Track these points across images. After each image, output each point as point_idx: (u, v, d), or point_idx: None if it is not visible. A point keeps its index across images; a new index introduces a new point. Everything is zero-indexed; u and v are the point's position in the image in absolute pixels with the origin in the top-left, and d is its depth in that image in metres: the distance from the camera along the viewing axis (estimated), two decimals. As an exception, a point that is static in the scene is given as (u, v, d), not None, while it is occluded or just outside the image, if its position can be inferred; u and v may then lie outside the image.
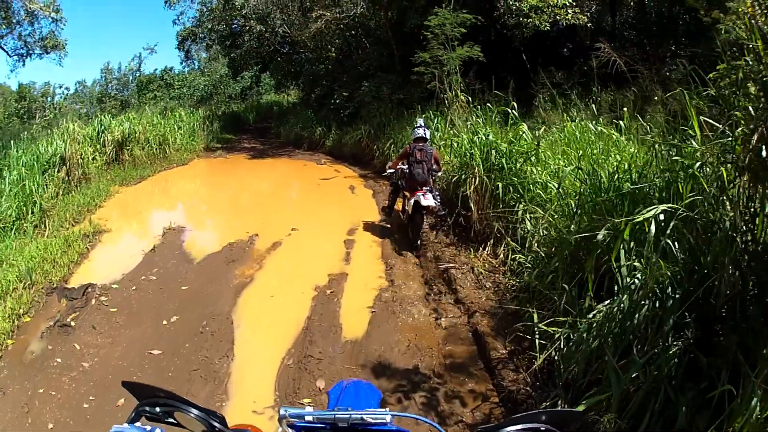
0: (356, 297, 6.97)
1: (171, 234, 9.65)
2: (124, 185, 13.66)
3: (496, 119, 9.66)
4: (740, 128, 3.63)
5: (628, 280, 4.26)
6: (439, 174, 9.21)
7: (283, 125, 24.87)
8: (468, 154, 8.84)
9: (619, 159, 6.35)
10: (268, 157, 19.61)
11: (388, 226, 10.11)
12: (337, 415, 1.49)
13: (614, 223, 4.49)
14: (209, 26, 25.76)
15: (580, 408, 3.74)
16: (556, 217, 6.40)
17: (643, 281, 4.00)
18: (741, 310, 3.44)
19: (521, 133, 8.27)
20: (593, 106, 9.04)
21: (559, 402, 4.22)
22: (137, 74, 37.95)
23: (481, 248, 7.83)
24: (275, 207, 12.11)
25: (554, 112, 9.86)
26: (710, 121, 4.31)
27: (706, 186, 4.11)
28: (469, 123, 10.33)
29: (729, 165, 3.85)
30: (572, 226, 5.82)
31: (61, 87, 36.15)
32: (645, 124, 7.00)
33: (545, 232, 6.46)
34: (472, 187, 8.17)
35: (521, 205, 7.31)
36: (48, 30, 23.79)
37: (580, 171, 6.21)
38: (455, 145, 9.78)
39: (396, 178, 9.50)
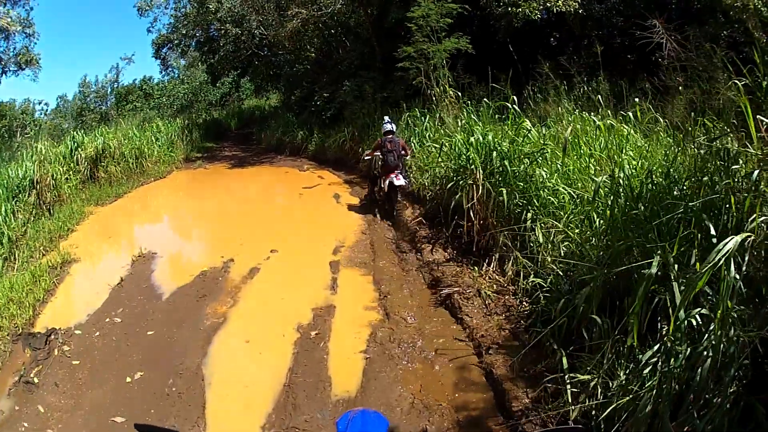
0: (346, 338, 6.10)
1: (140, 263, 8.97)
2: (99, 205, 13.05)
3: (492, 115, 8.71)
4: None
5: (686, 323, 3.38)
6: (408, 158, 10.53)
7: (264, 130, 24.47)
8: (464, 156, 7.93)
9: (637, 159, 5.45)
10: (249, 165, 19.00)
11: (380, 237, 9.43)
12: None
13: (668, 250, 3.60)
14: (184, 32, 25.17)
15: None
16: (574, 229, 5.52)
17: (710, 329, 3.12)
18: None
19: (525, 129, 7.35)
20: (599, 97, 8.10)
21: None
22: (115, 86, 37.54)
23: (485, 264, 6.94)
24: (254, 224, 11.28)
25: (547, 104, 8.97)
26: (763, 118, 3.45)
27: None
28: (460, 120, 9.44)
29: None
30: (594, 240, 5.04)
31: (40, 103, 35.67)
32: (659, 117, 6.13)
33: (565, 249, 5.60)
34: (475, 196, 7.24)
35: (530, 215, 6.45)
36: (21, 45, 23.54)
37: (604, 177, 5.30)
38: (447, 146, 8.84)
39: (373, 169, 11.13)
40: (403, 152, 10.19)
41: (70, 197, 13.02)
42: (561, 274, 5.44)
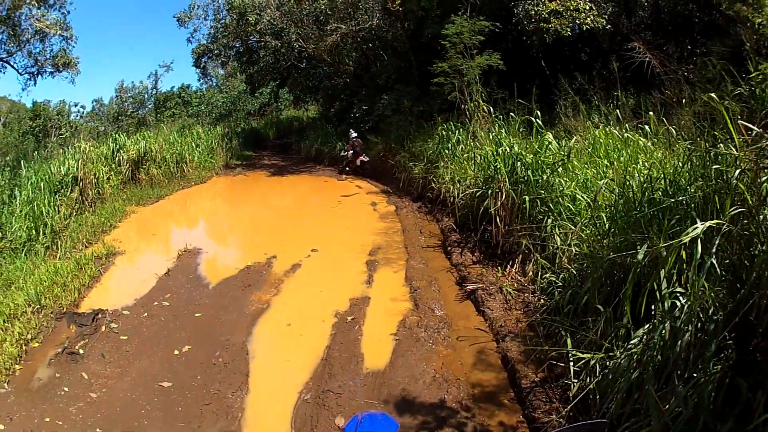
0: (379, 323, 6.71)
1: (186, 256, 9.48)
2: (140, 205, 13.54)
3: (520, 129, 9.37)
4: None
5: (669, 304, 4.00)
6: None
7: (303, 141, 24.67)
8: (492, 167, 8.58)
9: (648, 167, 6.06)
10: (288, 173, 19.47)
11: (414, 242, 9.98)
12: None
13: (654, 242, 4.22)
14: (224, 42, 25.57)
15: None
16: (587, 232, 6.15)
17: (687, 306, 3.72)
18: None
19: (547, 143, 7.96)
20: (617, 111, 8.75)
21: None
22: (154, 92, 37.68)
23: (508, 266, 7.54)
24: (295, 226, 11.87)
25: (577, 119, 9.57)
26: (745, 123, 4.03)
27: (749, 198, 3.84)
28: (491, 134, 10.02)
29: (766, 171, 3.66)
30: (605, 241, 5.60)
31: (76, 105, 36.29)
32: (671, 127, 6.71)
33: (577, 249, 6.22)
34: (499, 202, 7.91)
35: (550, 220, 7.06)
36: (59, 48, 23.68)
37: (611, 182, 5.95)
38: (478, 158, 9.49)
39: (346, 158, 18.45)
40: (359, 147, 17.75)
41: (112, 196, 13.54)
42: (574, 272, 6.03)
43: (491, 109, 10.96)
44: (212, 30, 26.94)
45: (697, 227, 3.70)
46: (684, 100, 6.78)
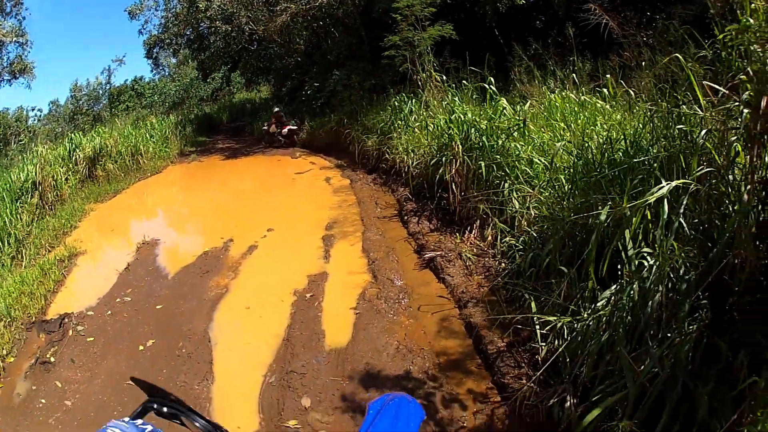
0: (338, 298, 6.40)
1: (145, 249, 9.12)
2: (98, 202, 13.00)
3: (473, 96, 9.04)
4: (746, 93, 3.16)
5: (636, 264, 3.73)
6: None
7: (256, 122, 23.80)
8: (446, 135, 8.25)
9: (607, 129, 5.77)
10: (242, 155, 18.94)
11: (370, 214, 9.61)
12: None
13: (617, 202, 3.91)
14: (174, 31, 24.70)
15: (596, 411, 3.21)
16: (545, 194, 5.87)
17: (656, 266, 3.42)
18: (758, 288, 3.11)
19: (501, 108, 7.63)
20: (573, 75, 8.44)
21: (568, 397, 3.70)
22: (108, 87, 36.94)
23: (466, 232, 7.24)
24: (250, 208, 11.48)
25: (532, 85, 9.25)
26: (711, 84, 3.73)
27: (717, 157, 3.60)
28: (444, 103, 9.67)
29: (735, 132, 3.38)
30: (564, 203, 5.33)
31: (33, 109, 35.08)
32: (630, 90, 6.42)
33: (536, 212, 5.94)
34: (453, 169, 7.58)
35: (507, 184, 6.78)
36: (15, 55, 23.26)
37: (569, 144, 5.64)
38: (431, 127, 9.16)
39: (269, 130, 19.38)
40: (283, 119, 19.13)
41: (71, 196, 13.09)
42: (534, 234, 5.75)
43: (444, 78, 10.61)
44: (163, 20, 26.07)
45: (663, 186, 3.40)
46: (644, 63, 6.49)
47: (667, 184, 3.40)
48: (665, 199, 3.38)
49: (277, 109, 19.66)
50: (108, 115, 31.34)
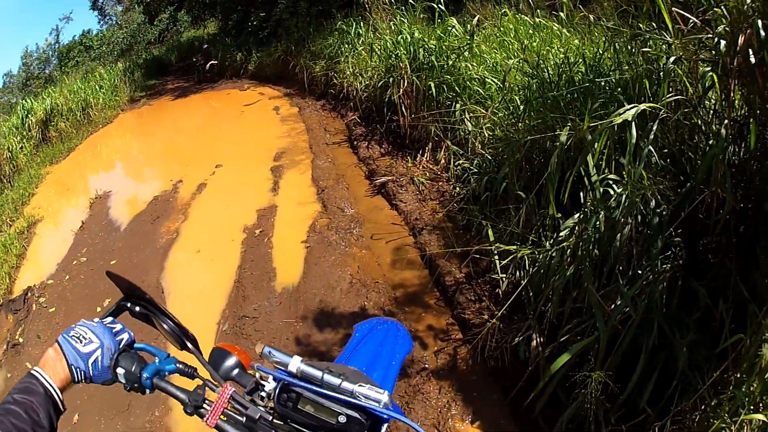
0: (288, 232, 6.04)
1: (98, 204, 8.88)
2: (54, 164, 12.66)
3: (421, 16, 8.41)
4: (721, 27, 2.78)
5: (601, 191, 3.36)
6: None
7: (205, 58, 22.72)
8: (393, 56, 7.69)
9: (564, 52, 5.30)
10: (192, 93, 18.24)
11: (319, 140, 9.17)
12: (326, 378, 1.24)
13: (577, 124, 3.51)
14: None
15: (565, 356, 2.84)
16: (499, 115, 5.44)
17: (625, 195, 3.05)
18: (735, 228, 2.74)
19: (450, 27, 7.07)
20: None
21: (534, 335, 3.38)
22: (57, 47, 35.59)
23: (418, 155, 6.82)
24: (199, 146, 11.06)
25: (484, 7, 8.67)
26: (682, 12, 3.29)
27: (689, 85, 3.21)
28: (392, 25, 9.04)
29: (709, 64, 3.00)
30: (519, 124, 4.89)
31: None
32: (590, 16, 5.96)
33: (489, 133, 5.52)
34: (402, 90, 7.05)
35: (458, 105, 6.30)
36: None
37: (524, 63, 5.17)
38: (378, 49, 8.56)
39: (202, 68, 19.88)
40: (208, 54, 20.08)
41: (27, 163, 12.93)
42: (489, 157, 5.36)
43: (392, 0, 9.92)
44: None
45: (630, 108, 2.98)
46: None
47: (634, 107, 2.99)
48: (632, 123, 2.98)
49: (206, 46, 21.75)
50: (59, 74, 30.32)
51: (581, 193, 3.68)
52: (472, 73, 6.40)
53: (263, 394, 1.33)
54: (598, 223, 3.16)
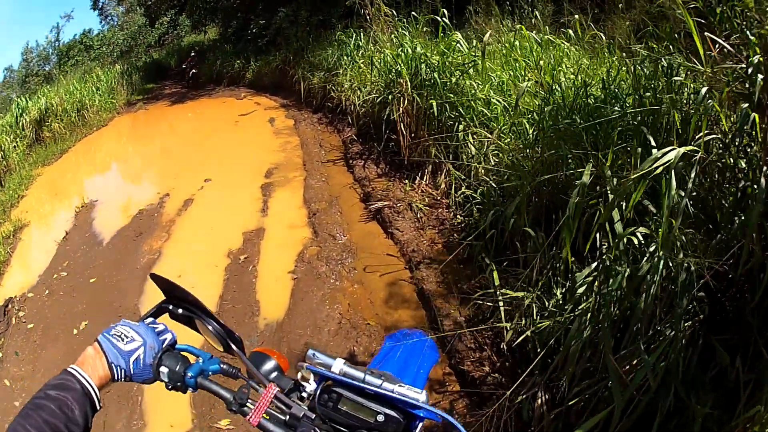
0: (275, 260, 5.65)
1: (83, 213, 8.49)
2: (45, 165, 12.34)
3: (424, 30, 8.03)
4: (756, 57, 2.52)
5: (625, 242, 2.94)
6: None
7: (203, 64, 23.12)
8: (393, 71, 7.27)
9: (575, 73, 4.92)
10: (189, 99, 17.93)
11: (313, 157, 8.79)
12: (367, 378, 1.28)
13: (600, 160, 3.13)
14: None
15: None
16: (506, 140, 5.06)
17: (657, 252, 2.65)
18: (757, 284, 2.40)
19: (454, 42, 6.69)
20: (536, 12, 7.48)
21: (539, 393, 3.00)
22: (57, 45, 36.07)
23: (417, 178, 6.43)
24: (190, 157, 10.69)
25: (488, 23, 8.28)
26: (713, 37, 2.93)
27: (725, 122, 2.85)
28: (393, 37, 8.66)
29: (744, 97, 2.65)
30: (528, 151, 4.53)
31: None
32: (600, 34, 5.61)
33: (496, 159, 5.13)
34: (402, 108, 6.65)
35: (461, 126, 5.91)
36: None
37: (536, 85, 4.78)
38: (377, 62, 8.17)
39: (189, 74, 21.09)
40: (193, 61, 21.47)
41: (19, 163, 12.58)
42: (494, 185, 4.97)
43: (394, 12, 9.55)
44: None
45: (668, 151, 2.56)
46: (620, 4, 5.62)
47: (672, 149, 2.58)
48: (672, 171, 2.58)
49: (193, 54, 23.49)
50: (58, 72, 30.36)
51: (597, 234, 3.26)
52: (477, 92, 6.01)
53: (303, 395, 1.35)
54: (622, 281, 2.78)
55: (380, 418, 1.26)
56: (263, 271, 5.45)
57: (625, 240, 2.91)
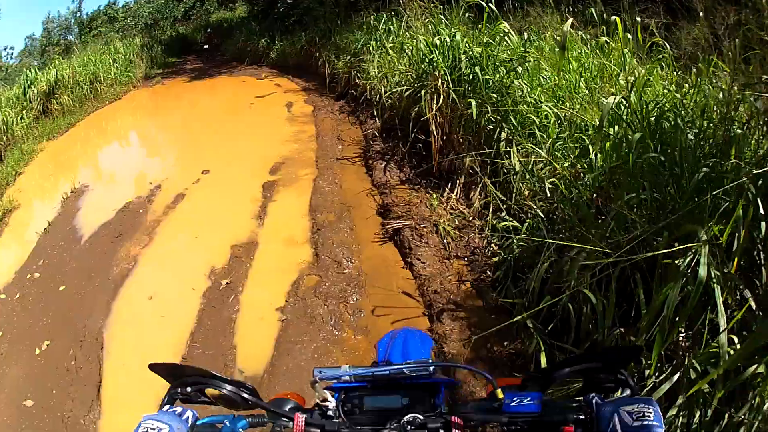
0: (263, 289, 4.64)
1: (71, 201, 7.77)
2: (50, 139, 11.75)
3: (466, 16, 6.92)
4: None
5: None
6: None
7: (228, 41, 23.14)
8: (427, 60, 6.20)
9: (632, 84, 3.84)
10: (208, 77, 17.25)
11: (327, 152, 7.87)
12: (375, 372, 1.35)
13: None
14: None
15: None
16: (562, 160, 4.06)
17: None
18: None
19: (502, 32, 5.60)
20: (592, 10, 6.26)
21: None
22: (78, 15, 35.32)
23: (446, 189, 5.42)
24: (194, 141, 9.93)
25: (541, 14, 7.16)
26: None
27: None
28: (430, 24, 7.52)
29: None
30: (587, 178, 3.61)
31: (5, 49, 33.87)
32: (666, 44, 4.65)
33: (549, 185, 4.09)
34: (435, 107, 5.58)
35: (504, 133, 4.89)
36: None
37: (619, 98, 3.66)
38: (408, 49, 7.12)
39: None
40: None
41: (24, 136, 12.01)
42: (542, 216, 3.97)
43: (432, -3, 8.51)
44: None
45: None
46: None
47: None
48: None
49: (209, 30, 26.17)
50: (79, 43, 29.86)
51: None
52: (526, 94, 4.94)
53: (329, 413, 1.34)
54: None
55: (405, 401, 1.33)
56: (246, 305, 4.45)
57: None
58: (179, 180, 7.61)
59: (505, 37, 5.61)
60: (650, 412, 0.98)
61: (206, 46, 22.97)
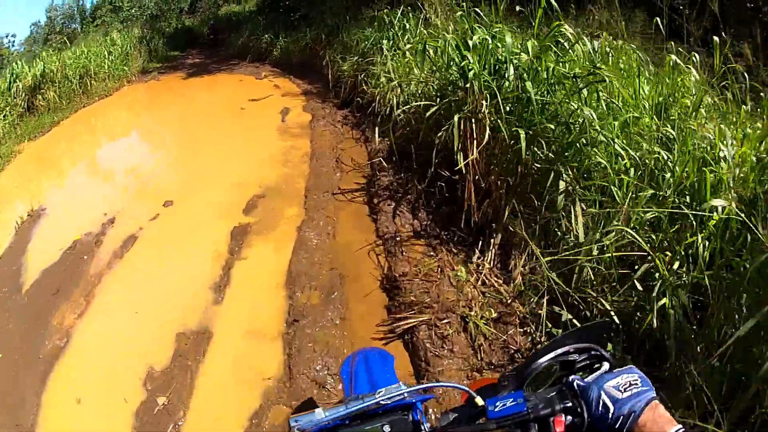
0: (210, 419, 3.40)
1: (25, 227, 7.08)
2: (31, 140, 11.51)
3: (506, 14, 5.50)
4: None
5: None
6: None
7: (234, 35, 23.29)
8: (456, 69, 4.89)
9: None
10: (206, 74, 17.11)
11: (323, 181, 6.72)
12: (349, 408, 1.38)
13: None
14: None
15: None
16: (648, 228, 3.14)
17: None
18: None
19: (563, 37, 4.27)
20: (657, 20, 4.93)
21: None
22: (81, 3, 36.41)
23: (477, 252, 4.19)
24: (166, 155, 9.39)
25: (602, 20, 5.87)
26: None
27: None
28: (458, 21, 6.22)
29: None
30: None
31: (7, 36, 34.98)
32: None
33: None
34: (476, 141, 4.29)
35: (563, 181, 3.69)
36: None
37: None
38: (431, 52, 5.84)
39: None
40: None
41: (6, 135, 11.82)
42: (616, 320, 2.96)
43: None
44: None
45: None
46: None
47: None
48: None
49: (212, 23, 27.30)
50: (80, 32, 31.62)
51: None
52: (597, 127, 3.69)
53: None
54: None
55: (386, 428, 1.37)
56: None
57: None
58: (137, 212, 6.84)
59: (565, 44, 4.29)
60: (636, 380, 1.06)
61: (212, 36, 24.82)
